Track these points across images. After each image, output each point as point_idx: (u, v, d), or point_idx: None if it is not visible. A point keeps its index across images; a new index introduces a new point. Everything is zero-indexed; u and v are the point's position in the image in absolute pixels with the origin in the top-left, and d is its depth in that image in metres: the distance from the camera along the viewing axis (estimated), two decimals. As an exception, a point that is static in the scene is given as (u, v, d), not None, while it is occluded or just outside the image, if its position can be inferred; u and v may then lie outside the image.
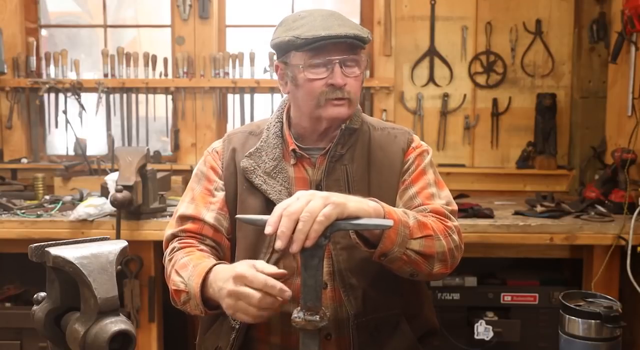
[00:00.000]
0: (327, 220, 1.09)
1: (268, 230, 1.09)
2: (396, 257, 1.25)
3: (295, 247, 1.07)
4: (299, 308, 1.09)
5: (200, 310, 1.30)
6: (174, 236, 1.48)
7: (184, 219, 1.48)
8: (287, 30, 1.40)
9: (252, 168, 1.45)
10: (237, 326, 1.41)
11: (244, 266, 1.19)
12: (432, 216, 1.38)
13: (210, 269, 1.28)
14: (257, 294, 1.14)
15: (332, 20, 1.39)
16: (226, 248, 1.48)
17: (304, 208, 1.09)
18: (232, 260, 1.48)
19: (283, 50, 1.43)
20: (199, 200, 1.49)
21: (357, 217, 1.14)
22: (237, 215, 1.20)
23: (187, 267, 1.34)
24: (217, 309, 1.27)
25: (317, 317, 1.07)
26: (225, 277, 1.21)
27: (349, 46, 1.38)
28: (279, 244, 1.08)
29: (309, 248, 1.07)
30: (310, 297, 1.08)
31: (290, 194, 1.33)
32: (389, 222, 1.16)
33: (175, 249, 1.44)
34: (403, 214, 1.29)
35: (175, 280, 1.36)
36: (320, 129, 1.46)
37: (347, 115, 1.43)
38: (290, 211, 1.09)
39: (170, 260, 1.42)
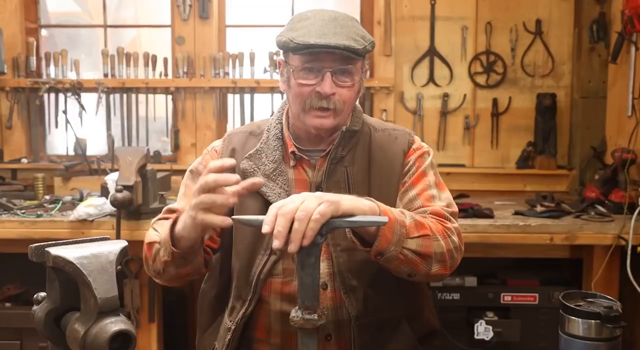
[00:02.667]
0: (323, 218, 1.09)
1: (265, 229, 1.09)
2: (393, 257, 1.25)
3: (293, 247, 1.07)
4: (297, 307, 1.09)
5: (169, 252, 1.30)
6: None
7: (171, 211, 1.48)
8: (289, 30, 1.40)
9: (252, 170, 1.45)
10: (232, 327, 1.41)
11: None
12: (432, 217, 1.37)
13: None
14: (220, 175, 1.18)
15: (330, 26, 1.36)
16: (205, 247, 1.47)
17: (298, 207, 1.09)
18: (228, 262, 1.48)
19: (282, 48, 1.43)
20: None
21: (352, 215, 1.14)
22: (233, 216, 1.19)
23: (164, 224, 1.38)
24: (188, 250, 1.29)
25: (315, 316, 1.07)
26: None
27: (343, 56, 1.36)
28: (276, 244, 1.08)
29: (305, 247, 1.07)
30: (308, 296, 1.08)
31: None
32: (384, 219, 1.16)
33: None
34: (400, 213, 1.29)
35: (150, 234, 1.42)
36: (311, 134, 1.46)
37: (330, 126, 1.42)
38: (285, 210, 1.09)
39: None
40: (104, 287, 0.78)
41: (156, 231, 1.41)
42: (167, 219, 1.44)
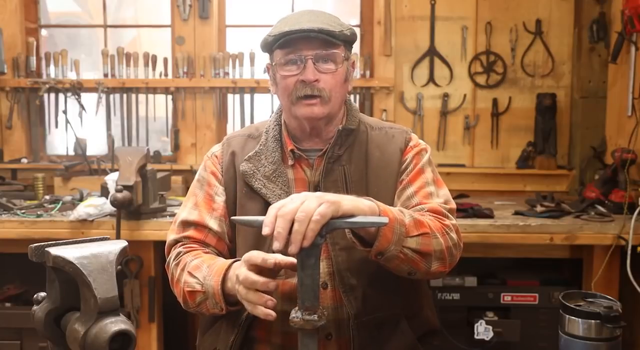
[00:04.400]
0: (323, 219, 1.08)
1: (265, 231, 1.09)
2: (393, 256, 1.25)
3: (293, 249, 1.07)
4: (296, 308, 1.09)
5: (220, 308, 1.31)
6: (176, 242, 1.48)
7: (186, 224, 1.48)
8: (270, 30, 1.44)
9: (252, 172, 1.45)
10: (236, 329, 1.40)
11: (254, 252, 1.21)
12: (430, 215, 1.37)
13: (230, 265, 1.30)
14: (260, 279, 1.16)
15: (307, 16, 1.41)
16: (227, 256, 1.48)
17: (298, 208, 1.08)
18: None
19: (266, 50, 1.47)
20: (202, 206, 1.49)
21: (352, 215, 1.14)
22: (233, 217, 1.20)
23: (201, 268, 1.35)
24: (237, 304, 1.28)
25: (315, 317, 1.07)
26: (239, 264, 1.24)
27: (321, 42, 1.38)
28: (276, 246, 1.08)
29: (306, 248, 1.07)
30: (308, 297, 1.08)
31: None
32: (385, 219, 1.16)
33: (181, 253, 1.44)
34: (399, 212, 1.29)
35: (189, 282, 1.36)
36: (306, 128, 1.47)
37: (321, 114, 1.42)
38: (284, 211, 1.09)
39: (177, 264, 1.42)
40: (104, 287, 0.78)
41: (195, 278, 1.35)
42: (185, 239, 1.46)
